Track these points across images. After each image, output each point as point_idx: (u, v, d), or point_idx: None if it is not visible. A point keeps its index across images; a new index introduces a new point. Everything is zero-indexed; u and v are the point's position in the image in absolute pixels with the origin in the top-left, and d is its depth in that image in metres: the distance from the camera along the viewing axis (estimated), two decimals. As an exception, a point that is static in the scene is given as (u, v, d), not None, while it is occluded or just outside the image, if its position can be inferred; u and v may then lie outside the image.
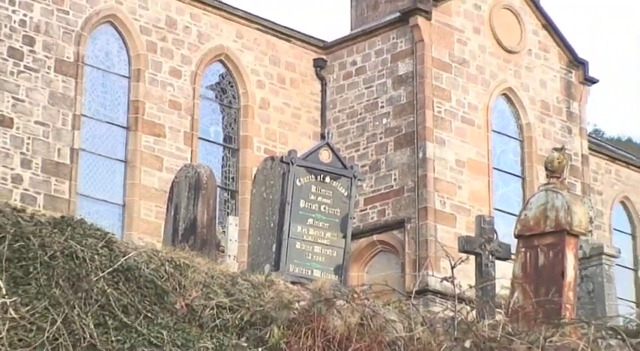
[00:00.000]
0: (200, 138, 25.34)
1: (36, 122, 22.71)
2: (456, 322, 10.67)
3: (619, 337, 10.59)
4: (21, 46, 22.76)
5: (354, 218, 15.17)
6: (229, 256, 16.84)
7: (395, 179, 25.79)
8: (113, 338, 8.39)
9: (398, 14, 26.71)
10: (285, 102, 26.85)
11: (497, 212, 24.46)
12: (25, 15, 22.86)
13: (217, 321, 9.31)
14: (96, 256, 9.12)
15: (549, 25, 28.73)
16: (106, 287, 8.86)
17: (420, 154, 25.44)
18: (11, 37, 22.61)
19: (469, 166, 26.16)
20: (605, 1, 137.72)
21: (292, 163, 13.35)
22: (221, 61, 26.11)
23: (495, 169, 26.87)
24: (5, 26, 22.54)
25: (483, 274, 15.25)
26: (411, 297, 11.95)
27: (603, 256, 17.33)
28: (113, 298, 8.82)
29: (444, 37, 26.48)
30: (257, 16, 26.83)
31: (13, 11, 22.70)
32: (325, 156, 13.91)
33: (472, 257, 15.51)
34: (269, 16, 27.39)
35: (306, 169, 13.48)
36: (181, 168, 15.24)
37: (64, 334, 8.10)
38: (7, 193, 21.15)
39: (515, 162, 27.58)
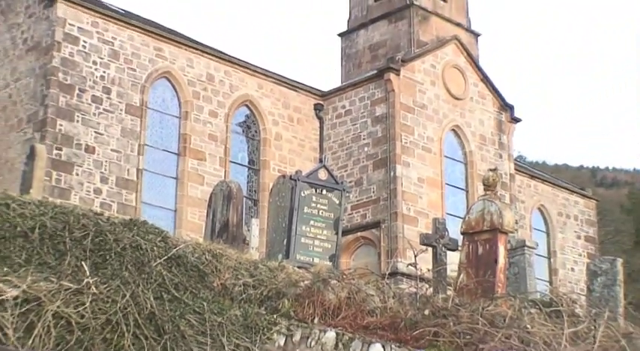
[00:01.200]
0: (231, 161, 25.28)
1: (112, 150, 22.69)
2: (418, 296, 10.67)
3: (537, 306, 10.57)
4: (101, 95, 22.76)
5: (343, 220, 15.14)
6: (252, 247, 16.78)
7: (373, 192, 25.74)
8: (167, 308, 8.39)
9: (376, 71, 26.70)
10: (293, 135, 26.82)
11: (448, 216, 24.39)
12: (104, 72, 22.87)
13: (244, 295, 9.34)
14: (155, 248, 9.18)
15: (485, 79, 28.72)
16: (163, 270, 8.93)
17: (392, 174, 25.41)
18: (94, 87, 22.61)
19: (427, 182, 26.11)
20: (528, 61, 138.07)
21: (298, 180, 13.41)
22: (246, 106, 26.08)
23: (447, 184, 26.79)
24: (90, 80, 22.55)
25: (438, 261, 15.23)
26: (385, 278, 11.96)
27: (525, 248, 17.30)
28: (167, 279, 8.87)
29: (409, 88, 26.46)
30: (273, 72, 26.83)
31: (95, 69, 22.73)
32: (322, 175, 13.94)
33: (430, 249, 15.51)
34: (282, 72, 27.44)
35: (308, 184, 13.53)
36: (217, 183, 15.26)
37: (131, 305, 8.10)
38: (90, 201, 21.13)
39: (461, 179, 27.50)
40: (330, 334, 9.03)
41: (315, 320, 9.20)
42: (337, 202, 13.84)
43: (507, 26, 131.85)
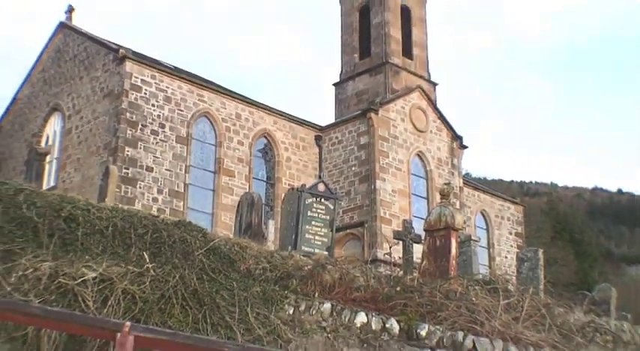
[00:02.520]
0: (253, 178, 25.26)
1: (165, 169, 22.71)
2: (392, 277, 10.66)
3: (479, 284, 10.57)
4: (157, 129, 22.81)
5: (336, 221, 15.14)
6: (269, 241, 16.76)
7: (359, 200, 25.71)
8: (206, 286, 8.43)
9: (360, 111, 26.75)
10: (300, 158, 26.82)
11: (414, 218, 24.35)
12: (160, 112, 22.92)
13: (263, 276, 9.34)
14: (197, 241, 9.21)
15: (441, 117, 28.74)
16: (203, 258, 8.97)
17: (372, 187, 25.40)
18: (152, 123, 22.67)
19: (398, 193, 26.10)
20: (474, 102, 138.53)
21: (303, 192, 13.45)
22: (265, 137, 26.09)
23: (413, 194, 26.76)
24: (149, 118, 22.62)
25: (407, 251, 15.23)
26: (367, 263, 11.96)
27: (471, 241, 17.28)
28: (206, 264, 8.91)
29: (385, 123, 26.50)
30: (284, 112, 26.84)
31: (154, 110, 22.80)
32: (321, 187, 13.98)
33: (401, 242, 15.51)
34: (291, 111, 27.45)
35: (310, 194, 13.56)
36: (243, 194, 15.29)
37: (179, 284, 8.13)
38: (149, 207, 21.11)
39: (423, 191, 27.43)
40: (327, 305, 9.03)
41: (316, 295, 9.20)
42: (332, 207, 13.87)
43: (458, 77, 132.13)
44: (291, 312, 8.79)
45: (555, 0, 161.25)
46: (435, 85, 29.56)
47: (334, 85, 29.76)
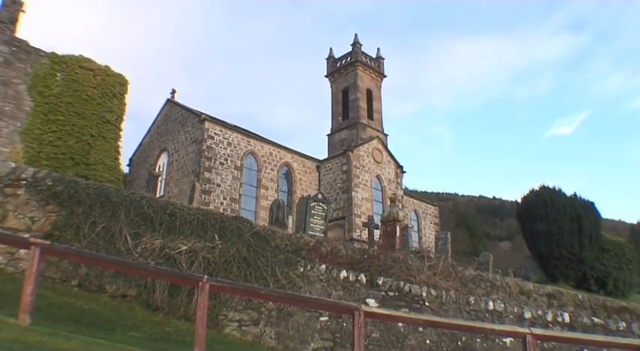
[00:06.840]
0: (280, 190, 25.20)
1: (228, 185, 22.65)
2: (361, 249, 10.61)
3: (413, 254, 10.52)
4: (223, 161, 22.78)
5: (329, 216, 15.12)
6: (289, 228, 16.71)
7: (342, 203, 25.62)
8: (252, 255, 8.35)
9: (343, 151, 26.73)
10: (307, 179, 26.72)
11: (375, 214, 24.30)
12: (224, 151, 22.98)
13: (285, 249, 9.27)
14: (246, 228, 9.12)
15: (390, 154, 28.72)
16: (249, 238, 8.88)
17: (350, 195, 25.31)
18: (220, 158, 22.63)
19: (365, 199, 26.01)
20: (407, 144, 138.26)
21: (309, 199, 13.39)
22: (286, 166, 26.06)
23: (374, 200, 26.67)
24: (218, 155, 22.59)
25: (370, 234, 15.19)
26: (347, 241, 11.91)
27: (408, 228, 17.27)
28: (252, 242, 8.83)
29: (357, 158, 26.51)
30: (298, 151, 26.75)
31: (221, 150, 22.78)
32: (320, 196, 13.96)
33: (367, 229, 15.44)
34: (303, 150, 27.40)
35: (313, 200, 13.50)
36: (273, 200, 15.24)
37: (236, 253, 8.07)
38: (218, 208, 21.07)
39: (380, 198, 27.32)
40: (323, 266, 8.99)
41: (317, 260, 9.17)
42: (326, 208, 13.87)
43: (400, 128, 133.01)
44: (302, 270, 8.76)
45: (446, 78, 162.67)
46: (386, 135, 29.59)
47: (327, 135, 29.76)
